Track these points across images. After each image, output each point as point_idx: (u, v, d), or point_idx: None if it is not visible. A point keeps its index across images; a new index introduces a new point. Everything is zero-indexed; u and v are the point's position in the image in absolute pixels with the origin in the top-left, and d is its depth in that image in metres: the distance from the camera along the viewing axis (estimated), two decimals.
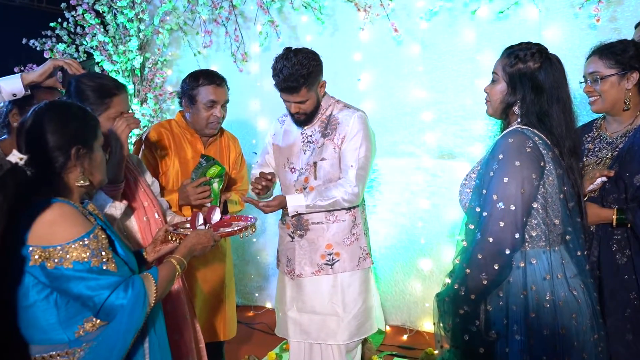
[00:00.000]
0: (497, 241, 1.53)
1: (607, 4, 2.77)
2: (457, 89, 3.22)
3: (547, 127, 1.61)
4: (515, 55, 1.66)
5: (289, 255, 2.46)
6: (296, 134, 2.44)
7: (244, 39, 3.74)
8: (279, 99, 3.72)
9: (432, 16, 3.19)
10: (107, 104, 1.85)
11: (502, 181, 1.53)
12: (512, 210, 1.52)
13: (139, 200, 1.94)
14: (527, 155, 1.54)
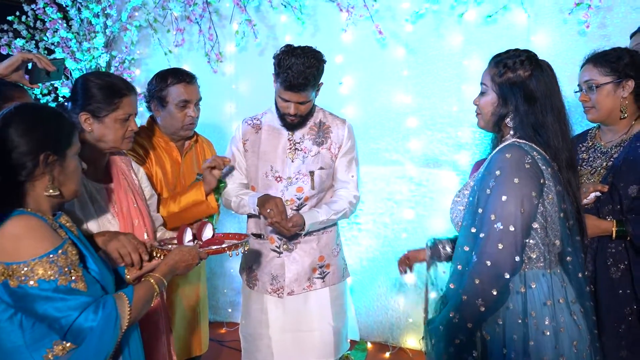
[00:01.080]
0: (495, 264, 1.50)
1: (596, 10, 2.85)
2: (443, 94, 3.26)
3: (544, 139, 1.60)
4: (504, 64, 1.65)
5: (273, 273, 2.42)
6: (281, 139, 2.40)
7: (218, 38, 3.71)
8: (256, 101, 3.79)
9: (417, 19, 3.23)
10: (116, 105, 1.82)
11: (500, 200, 1.52)
12: (512, 231, 1.50)
13: (128, 217, 1.88)
14: (526, 171, 1.53)
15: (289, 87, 2.22)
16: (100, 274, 1.44)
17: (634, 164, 1.93)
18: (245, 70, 3.74)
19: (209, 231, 1.87)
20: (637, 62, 1.98)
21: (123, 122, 1.85)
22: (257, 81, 3.72)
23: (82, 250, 1.44)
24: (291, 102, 2.27)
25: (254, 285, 2.48)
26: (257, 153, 2.42)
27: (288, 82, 2.20)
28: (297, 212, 2.34)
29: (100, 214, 1.83)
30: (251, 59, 3.69)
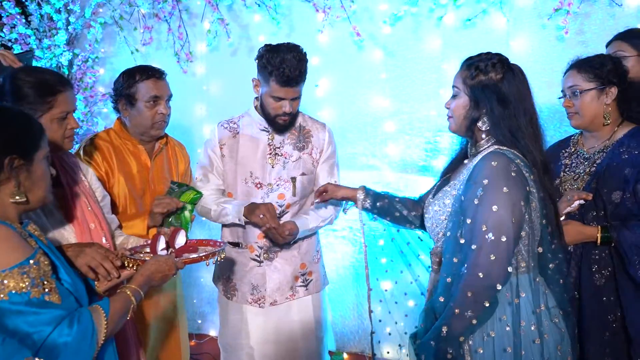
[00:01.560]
0: (487, 276, 1.52)
1: (574, 16, 2.92)
2: (422, 98, 3.28)
3: (522, 144, 1.63)
4: (476, 67, 1.69)
5: (254, 283, 2.39)
6: (260, 144, 2.37)
7: (188, 37, 3.65)
8: (228, 103, 3.76)
9: (396, 21, 3.25)
10: (51, 103, 1.72)
11: (490, 210, 1.53)
12: (504, 242, 1.52)
13: (83, 222, 1.81)
14: (513, 180, 1.55)
15: (286, 82, 2.20)
16: (73, 284, 1.39)
17: (617, 170, 1.97)
18: (217, 70, 3.69)
19: (182, 238, 1.83)
20: (619, 69, 2.04)
21: (60, 121, 1.75)
22: (229, 82, 3.68)
23: (54, 260, 1.38)
24: (286, 100, 2.25)
25: (232, 295, 2.44)
26: (235, 158, 2.39)
27: (285, 76, 2.18)
28: (289, 220, 2.31)
29: (53, 221, 1.76)
30: (223, 59, 3.65)
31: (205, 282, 3.91)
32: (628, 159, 1.96)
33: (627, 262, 1.90)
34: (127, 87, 2.35)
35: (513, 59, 2.98)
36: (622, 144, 2.02)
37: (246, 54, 3.62)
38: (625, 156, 1.98)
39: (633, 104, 2.04)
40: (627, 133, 2.03)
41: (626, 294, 1.93)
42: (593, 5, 2.93)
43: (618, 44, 2.25)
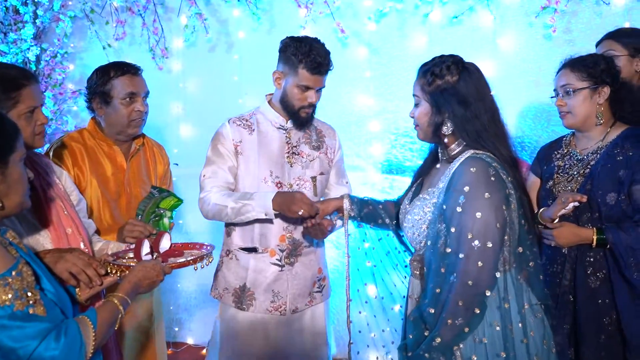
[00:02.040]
0: (476, 283, 1.57)
1: (561, 14, 2.97)
2: (408, 97, 3.15)
3: (488, 144, 1.68)
4: (431, 72, 1.73)
5: (275, 290, 2.33)
6: (278, 142, 2.35)
7: (164, 32, 3.59)
8: (206, 102, 3.73)
9: (380, 17, 3.25)
10: (15, 99, 1.65)
11: (474, 217, 1.57)
12: (490, 248, 1.57)
13: (60, 227, 1.76)
14: (493, 185, 1.60)
15: (317, 68, 2.21)
16: (57, 294, 1.34)
17: (611, 172, 2.01)
18: (194, 67, 3.65)
19: (167, 242, 1.80)
20: (612, 69, 2.08)
21: (28, 117, 1.69)
22: (207, 80, 3.63)
23: (36, 269, 1.33)
24: (313, 90, 2.26)
25: (248, 306, 2.33)
26: (253, 157, 2.33)
27: (317, 63, 2.20)
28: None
29: (27, 227, 1.70)
30: (201, 55, 3.61)
31: (182, 288, 3.85)
32: (622, 161, 2.00)
33: (623, 264, 1.94)
34: (102, 84, 2.30)
35: (500, 58, 3.07)
36: (616, 145, 2.05)
37: (225, 50, 3.59)
38: (619, 157, 2.01)
39: (625, 105, 2.07)
40: (621, 134, 2.07)
41: (621, 296, 1.96)
42: (580, 3, 2.98)
43: (609, 43, 2.30)
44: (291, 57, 2.23)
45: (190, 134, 3.68)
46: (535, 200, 2.23)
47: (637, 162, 1.97)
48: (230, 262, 2.37)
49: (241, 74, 3.56)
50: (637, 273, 1.92)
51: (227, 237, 2.41)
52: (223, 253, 2.43)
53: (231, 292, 2.36)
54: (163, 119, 3.67)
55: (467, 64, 1.75)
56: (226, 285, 2.38)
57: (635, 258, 1.92)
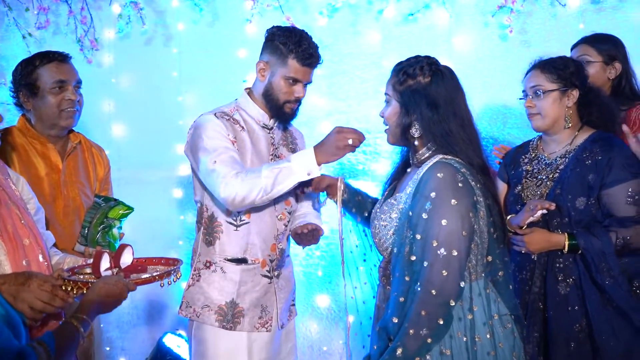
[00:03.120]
0: (440, 293, 1.60)
1: (517, 15, 3.07)
2: (361, 97, 3.31)
3: (456, 148, 1.73)
4: (404, 72, 1.79)
5: (264, 304, 2.25)
6: (264, 142, 2.27)
7: (94, 22, 3.46)
8: (140, 98, 3.62)
9: (332, 12, 3.26)
10: None
11: (440, 224, 1.61)
12: (455, 256, 1.61)
13: (16, 237, 1.65)
14: (460, 191, 1.64)
15: (308, 59, 2.17)
16: (7, 316, 1.25)
17: (580, 176, 2.09)
18: (128, 61, 3.53)
19: (129, 256, 1.73)
20: (581, 72, 2.17)
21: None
22: (142, 75, 3.53)
23: None
24: (301, 84, 2.21)
25: (236, 324, 2.20)
26: (247, 155, 2.20)
27: (308, 53, 2.16)
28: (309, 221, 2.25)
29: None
30: (135, 48, 3.50)
31: None
32: (591, 165, 2.08)
33: (594, 269, 2.02)
34: (27, 74, 2.27)
35: (455, 57, 3.15)
36: (584, 149, 2.13)
37: (162, 43, 3.49)
38: (588, 162, 2.09)
39: (593, 109, 2.17)
40: (589, 138, 2.15)
41: (592, 302, 2.04)
42: (535, 4, 3.10)
43: (584, 48, 2.42)
44: (279, 47, 2.17)
45: (122, 135, 3.56)
46: (503, 206, 2.28)
47: (605, 166, 2.06)
48: (212, 276, 2.21)
49: (181, 69, 3.48)
50: (609, 278, 2.00)
51: (208, 247, 2.24)
52: (200, 265, 2.25)
53: (214, 309, 2.20)
54: (92, 117, 3.47)
55: (441, 66, 1.80)
56: (206, 302, 2.21)
57: (606, 263, 2.00)
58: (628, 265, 2.07)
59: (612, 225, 2.04)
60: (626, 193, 2.04)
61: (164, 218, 3.53)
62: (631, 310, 2.02)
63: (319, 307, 3.45)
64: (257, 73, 2.25)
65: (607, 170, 2.06)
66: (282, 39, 2.17)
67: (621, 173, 2.05)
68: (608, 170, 2.06)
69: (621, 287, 2.02)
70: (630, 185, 2.05)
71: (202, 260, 2.24)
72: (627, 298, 2.02)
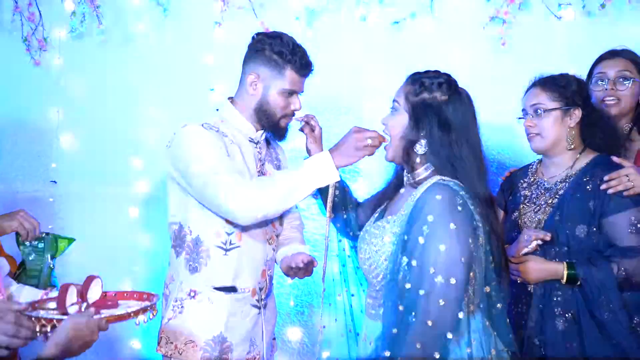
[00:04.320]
0: (437, 324, 1.57)
1: (509, 25, 3.10)
2: (340, 109, 3.30)
3: (461, 174, 1.72)
4: (421, 83, 1.78)
5: (252, 337, 2.18)
6: (249, 157, 2.20)
7: (42, 19, 3.38)
8: (93, 106, 3.51)
9: (311, 18, 3.24)
10: None
11: (437, 250, 1.59)
12: (453, 285, 1.58)
13: None
14: (460, 215, 1.63)
15: (306, 68, 2.19)
16: None
17: (581, 202, 2.09)
18: (80, 64, 3.45)
19: (97, 289, 1.63)
20: (584, 91, 2.18)
21: None
22: (96, 79, 3.45)
23: None
24: (297, 95, 2.21)
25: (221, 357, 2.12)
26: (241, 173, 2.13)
27: (305, 62, 2.18)
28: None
29: None
30: (89, 49, 3.43)
31: None
32: (592, 190, 2.08)
33: (593, 303, 2.01)
34: None
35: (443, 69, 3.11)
36: (585, 173, 2.13)
37: (119, 45, 3.43)
38: (589, 186, 2.09)
39: (597, 130, 2.17)
40: (590, 162, 2.16)
41: (590, 339, 2.02)
42: (528, 15, 3.13)
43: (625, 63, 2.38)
44: (274, 58, 2.13)
45: (72, 145, 3.45)
46: None
47: (606, 192, 2.05)
48: (197, 306, 2.12)
49: (141, 74, 3.40)
50: (608, 313, 2.00)
51: (192, 274, 2.14)
52: (182, 295, 2.15)
53: (199, 345, 2.09)
54: (38, 124, 3.45)
55: (460, 88, 1.80)
56: (190, 337, 2.11)
57: (606, 296, 1.99)
58: (629, 300, 2.07)
59: (614, 256, 2.04)
60: (629, 221, 2.05)
61: (117, 240, 3.42)
62: (629, 348, 2.01)
63: (290, 340, 3.37)
64: (248, 86, 2.19)
65: (608, 197, 2.07)
66: (276, 48, 2.14)
67: (622, 200, 2.06)
68: (609, 197, 2.07)
69: (621, 323, 2.01)
70: (633, 213, 2.05)
71: (185, 289, 2.15)
72: (626, 335, 2.02)
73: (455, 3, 3.20)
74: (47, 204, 3.37)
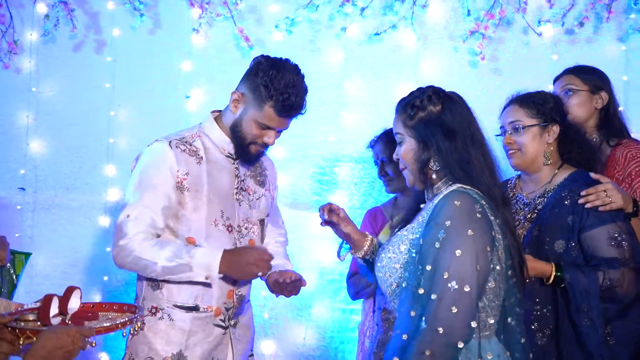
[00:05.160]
0: (448, 332, 1.56)
1: (488, 41, 3.16)
2: (318, 120, 3.30)
3: (476, 179, 1.73)
4: (412, 105, 1.80)
5: (215, 357, 2.16)
6: (227, 174, 2.20)
7: (14, 22, 3.35)
8: (64, 112, 3.49)
9: (290, 27, 3.25)
10: None
11: (453, 255, 1.59)
12: (467, 292, 1.57)
13: None
14: (478, 222, 1.63)
15: (287, 111, 2.09)
16: None
17: (559, 218, 2.12)
18: (52, 68, 3.45)
19: (76, 300, 1.62)
20: (561, 108, 2.23)
21: None
22: (69, 84, 3.45)
23: None
24: (274, 131, 2.14)
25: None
26: (202, 192, 2.13)
27: (289, 105, 2.08)
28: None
29: None
30: (62, 53, 3.43)
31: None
32: (569, 205, 2.12)
33: (575, 307, 2.03)
34: None
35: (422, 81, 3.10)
36: (563, 188, 2.17)
37: (94, 50, 3.43)
38: (567, 202, 2.13)
39: (574, 146, 2.22)
40: (568, 177, 2.20)
41: (569, 354, 2.06)
42: (508, 31, 3.20)
43: (569, 78, 2.49)
44: (260, 87, 2.08)
45: (41, 152, 3.43)
46: None
47: (584, 207, 2.10)
48: (158, 324, 2.12)
49: (114, 80, 3.40)
50: (587, 320, 2.03)
51: (154, 291, 2.15)
52: (145, 312, 2.15)
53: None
54: (7, 129, 3.43)
55: (448, 92, 1.81)
56: (150, 354, 2.11)
57: (588, 304, 2.02)
58: (606, 310, 2.10)
59: (599, 265, 2.08)
60: (608, 235, 2.09)
61: (86, 249, 3.38)
62: (600, 357, 2.04)
63: (264, 354, 3.36)
64: (230, 102, 2.18)
65: (587, 211, 2.11)
66: (265, 79, 2.08)
67: (601, 214, 2.10)
68: (587, 211, 2.11)
69: (597, 332, 2.04)
70: (611, 227, 2.09)
71: (147, 305, 2.15)
72: (600, 344, 2.04)
73: (435, 16, 3.25)
74: (15, 211, 3.33)
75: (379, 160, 2.76)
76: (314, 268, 3.27)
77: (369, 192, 3.27)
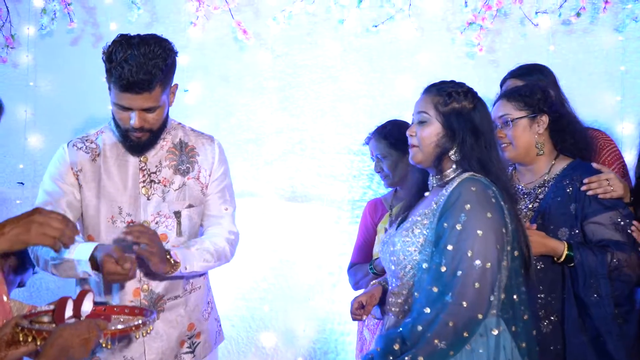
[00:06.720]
0: (471, 306, 1.72)
1: (486, 32, 3.20)
2: (316, 113, 3.34)
3: (493, 173, 1.88)
4: (448, 93, 1.92)
5: (127, 356, 2.16)
6: (129, 168, 2.20)
7: (10, 16, 3.37)
8: (62, 106, 3.53)
9: (288, 19, 3.28)
10: None
11: (476, 234, 1.75)
12: (489, 269, 1.74)
13: None
14: (494, 206, 1.79)
15: (126, 86, 1.99)
16: None
17: (562, 206, 2.19)
18: (50, 62, 3.46)
19: (89, 304, 1.66)
20: (549, 98, 2.30)
21: None
22: (67, 79, 3.47)
23: None
24: (133, 111, 2.06)
25: None
26: (96, 190, 2.18)
27: (125, 79, 1.97)
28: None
29: None
30: (59, 48, 3.44)
31: None
32: (572, 193, 2.20)
33: (581, 283, 2.11)
34: None
35: (420, 73, 3.23)
36: (564, 176, 2.24)
37: (91, 44, 3.44)
38: (569, 189, 2.20)
39: (567, 136, 2.29)
40: (568, 166, 2.27)
41: (574, 344, 2.13)
42: (505, 22, 3.23)
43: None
44: (105, 64, 2.05)
45: (40, 146, 3.45)
46: None
47: (586, 195, 2.18)
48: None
49: None
50: (596, 295, 2.11)
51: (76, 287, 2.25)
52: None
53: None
54: (5, 124, 3.34)
55: (479, 96, 1.96)
56: None
57: (596, 281, 2.11)
58: (616, 289, 2.17)
59: (608, 246, 2.15)
60: (612, 221, 2.17)
61: None
62: (607, 334, 2.11)
63: (264, 347, 3.41)
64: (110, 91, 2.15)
65: (589, 199, 2.19)
66: (106, 56, 2.04)
67: (603, 201, 2.18)
68: (589, 199, 2.19)
69: (605, 308, 2.12)
70: (614, 213, 2.18)
71: None
72: (608, 320, 2.12)
73: (433, 8, 3.28)
74: (14, 206, 3.37)
75: (374, 156, 2.80)
76: (313, 260, 3.31)
77: (367, 185, 3.31)
